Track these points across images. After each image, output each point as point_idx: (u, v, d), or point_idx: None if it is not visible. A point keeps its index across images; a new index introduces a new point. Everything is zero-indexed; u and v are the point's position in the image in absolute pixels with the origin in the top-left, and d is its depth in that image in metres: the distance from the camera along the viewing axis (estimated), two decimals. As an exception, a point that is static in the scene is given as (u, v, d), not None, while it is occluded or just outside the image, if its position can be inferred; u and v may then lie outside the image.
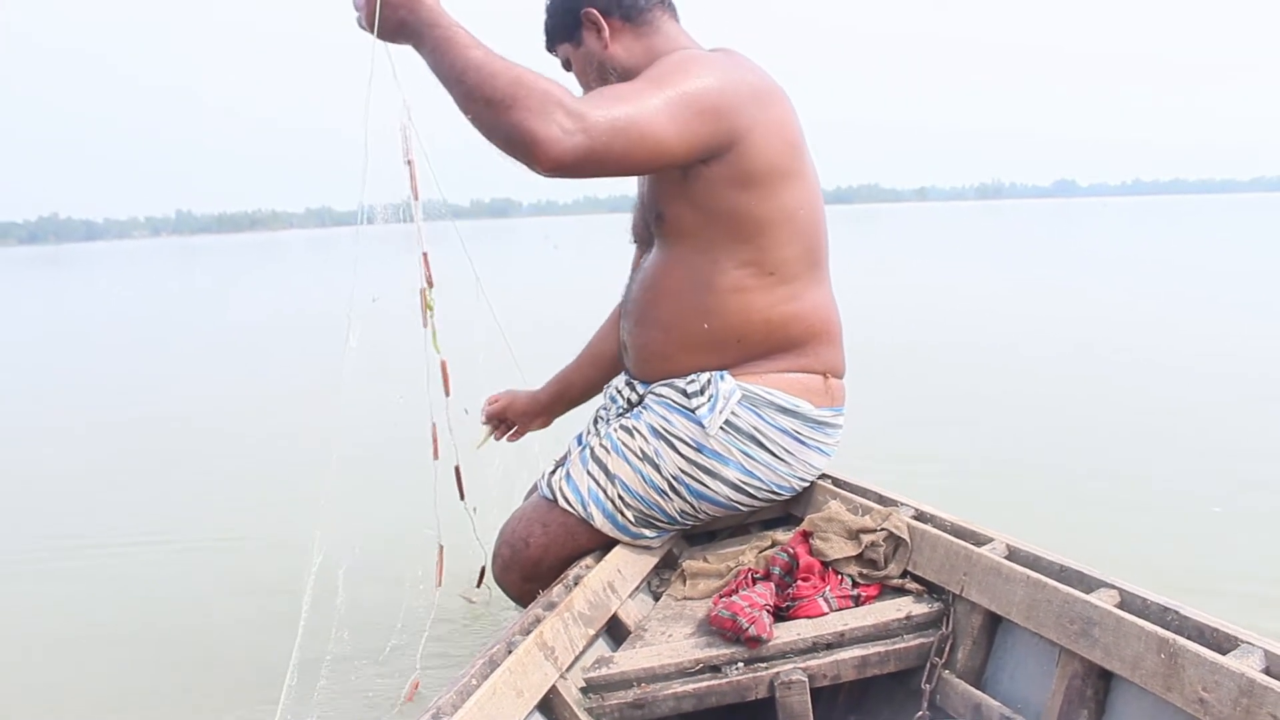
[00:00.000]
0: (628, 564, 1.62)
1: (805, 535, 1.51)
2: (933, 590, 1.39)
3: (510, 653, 1.23)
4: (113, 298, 15.12)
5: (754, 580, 1.47)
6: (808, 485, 1.72)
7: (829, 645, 1.31)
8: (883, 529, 1.46)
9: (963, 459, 3.39)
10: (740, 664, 1.30)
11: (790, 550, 1.48)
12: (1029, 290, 9.70)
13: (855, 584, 1.43)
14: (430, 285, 1.59)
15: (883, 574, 1.43)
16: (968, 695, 1.24)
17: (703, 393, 1.61)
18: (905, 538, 1.44)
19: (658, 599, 1.62)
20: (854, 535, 1.47)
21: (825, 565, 1.45)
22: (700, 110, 1.46)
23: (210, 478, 3.58)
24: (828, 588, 1.41)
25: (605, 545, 1.65)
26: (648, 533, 1.66)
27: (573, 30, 1.66)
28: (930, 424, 3.97)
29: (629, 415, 1.70)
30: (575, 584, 1.48)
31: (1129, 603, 1.12)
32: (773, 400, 1.62)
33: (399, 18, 1.37)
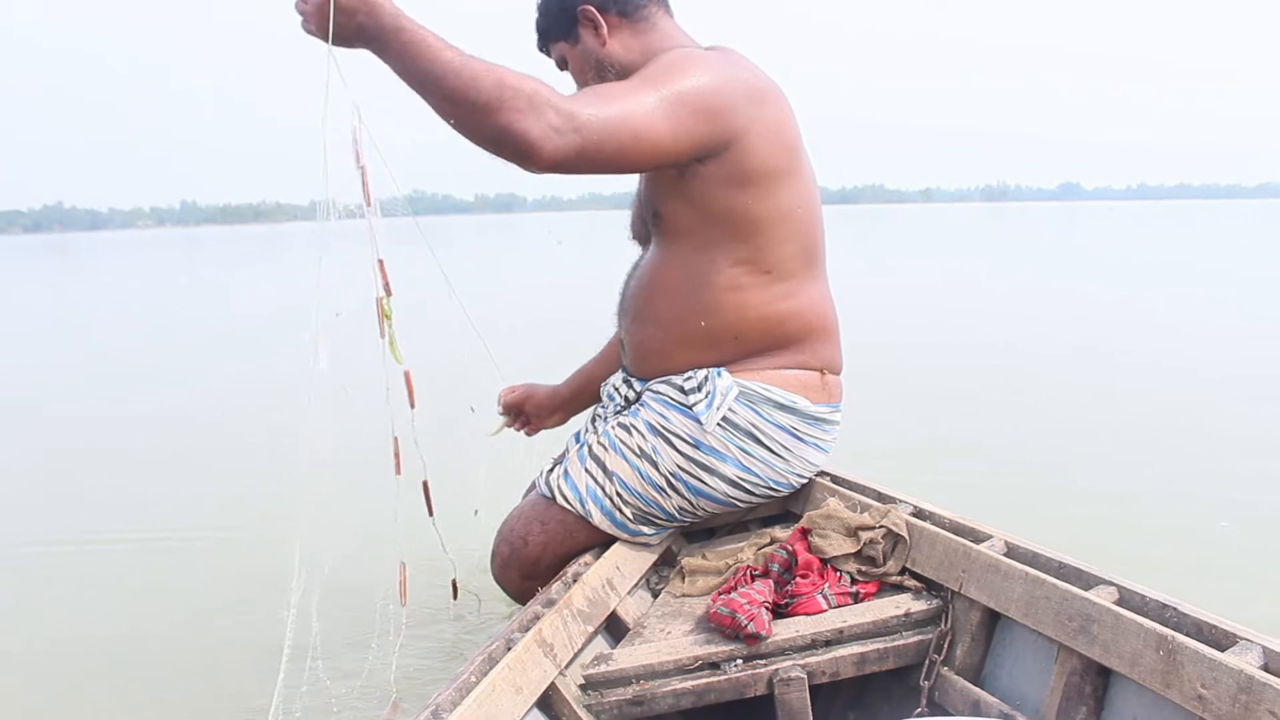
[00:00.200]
0: (626, 561, 1.62)
1: (804, 532, 1.51)
2: (931, 587, 1.38)
3: (509, 649, 1.23)
4: (119, 289, 15.05)
5: (753, 577, 1.47)
6: (805, 482, 1.72)
7: (828, 642, 1.31)
8: (881, 526, 1.46)
9: (962, 457, 3.39)
10: (739, 661, 1.30)
11: (789, 547, 1.48)
12: (1033, 291, 9.70)
13: (854, 581, 1.43)
14: (388, 294, 1.48)
15: (881, 571, 1.43)
16: (966, 692, 1.24)
17: (700, 389, 1.61)
18: (904, 535, 1.43)
19: (656, 596, 1.62)
20: (853, 532, 1.47)
21: (824, 562, 1.45)
22: (695, 109, 1.46)
23: (209, 475, 3.55)
24: (826, 585, 1.41)
25: (604, 543, 1.65)
26: (646, 530, 1.66)
27: (569, 28, 1.65)
28: (931, 422, 3.97)
29: (627, 413, 1.70)
30: (574, 581, 1.48)
31: (1127, 599, 1.12)
32: (770, 397, 1.61)
33: (355, 23, 1.29)
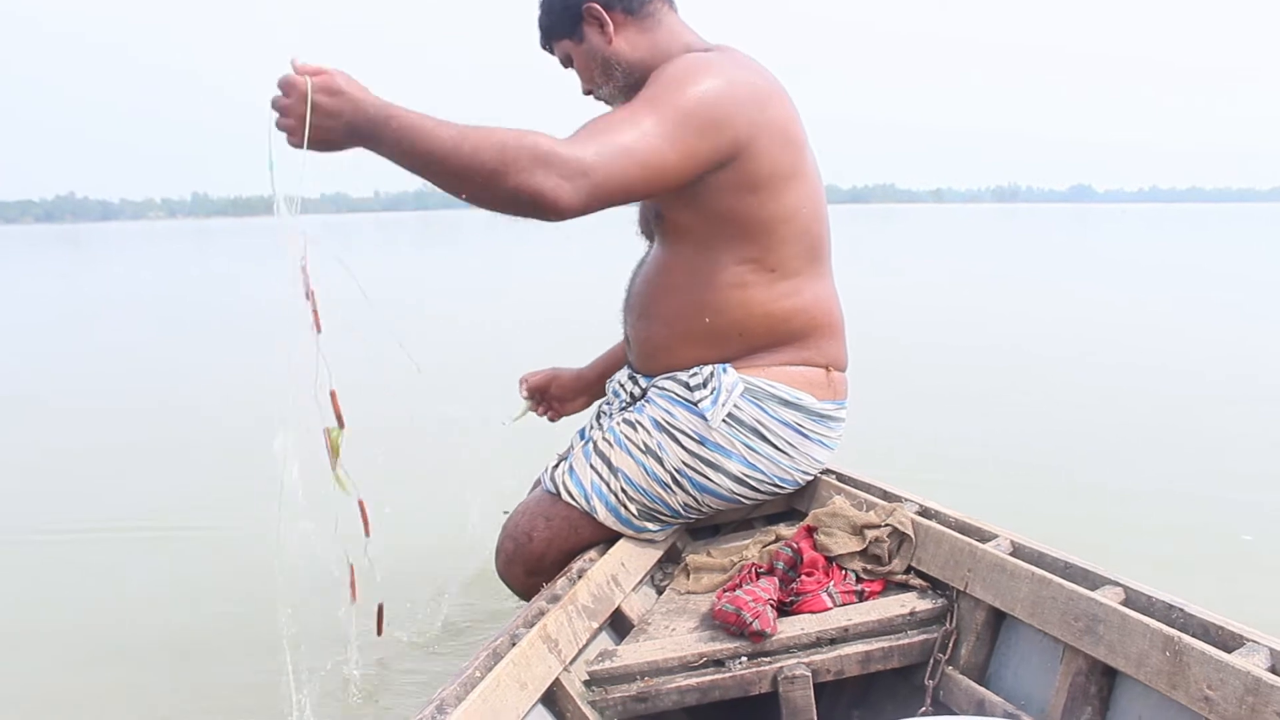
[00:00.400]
0: (631, 558, 1.62)
1: (809, 530, 1.51)
2: (937, 586, 1.38)
3: (514, 645, 1.23)
4: (130, 279, 15.02)
5: (758, 575, 1.47)
6: (810, 479, 1.71)
7: (833, 640, 1.31)
8: (887, 524, 1.45)
9: (968, 456, 3.39)
10: (744, 658, 1.30)
11: (794, 545, 1.48)
12: (1042, 293, 9.67)
13: (859, 579, 1.43)
14: (341, 426, 1.35)
15: (887, 569, 1.43)
16: (971, 691, 1.23)
17: (705, 385, 1.60)
18: (909, 533, 1.43)
19: (661, 593, 1.62)
20: (858, 531, 1.47)
21: (829, 560, 1.45)
22: (700, 127, 1.45)
23: (216, 466, 3.54)
24: (831, 583, 1.40)
25: (608, 539, 1.65)
26: (651, 526, 1.66)
27: (574, 26, 1.63)
28: (937, 421, 3.96)
29: (632, 409, 1.70)
30: (579, 577, 1.47)
31: (1134, 600, 1.12)
32: (775, 393, 1.61)
33: (343, 124, 1.25)
